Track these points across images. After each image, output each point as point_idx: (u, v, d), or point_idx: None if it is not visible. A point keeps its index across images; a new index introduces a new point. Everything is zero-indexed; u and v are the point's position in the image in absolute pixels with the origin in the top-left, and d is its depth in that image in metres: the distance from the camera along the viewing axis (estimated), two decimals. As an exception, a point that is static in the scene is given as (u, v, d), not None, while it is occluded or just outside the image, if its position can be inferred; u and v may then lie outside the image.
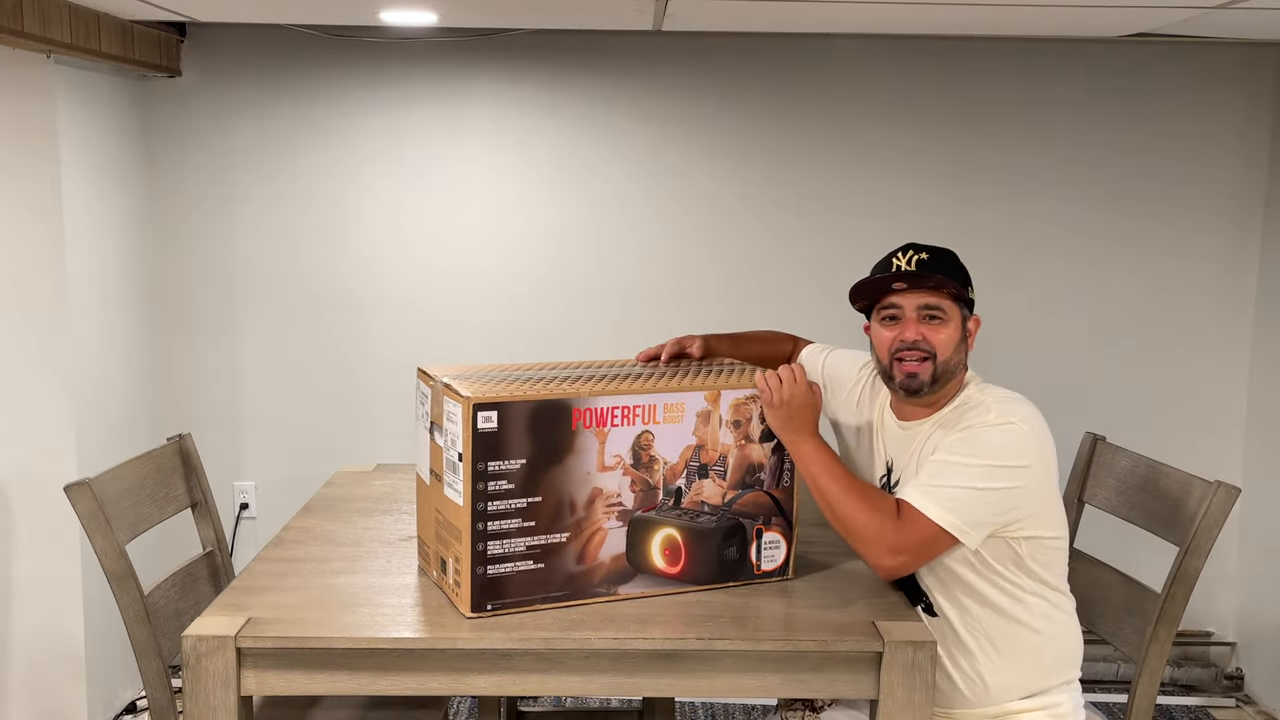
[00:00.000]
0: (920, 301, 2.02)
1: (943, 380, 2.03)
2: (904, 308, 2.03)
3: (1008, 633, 2.02)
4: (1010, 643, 2.03)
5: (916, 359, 2.01)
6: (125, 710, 3.36)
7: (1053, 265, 3.54)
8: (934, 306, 2.02)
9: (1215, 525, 2.06)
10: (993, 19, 2.85)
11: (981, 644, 2.03)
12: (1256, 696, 3.57)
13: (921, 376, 2.02)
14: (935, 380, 2.02)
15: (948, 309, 2.02)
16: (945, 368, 2.02)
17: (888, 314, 2.06)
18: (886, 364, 2.06)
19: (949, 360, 2.02)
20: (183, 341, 3.55)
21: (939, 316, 2.02)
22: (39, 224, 3.00)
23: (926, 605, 2.07)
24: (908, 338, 2.02)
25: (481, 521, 1.85)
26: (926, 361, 2.01)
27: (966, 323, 2.06)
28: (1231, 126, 3.49)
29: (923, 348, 2.01)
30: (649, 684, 1.83)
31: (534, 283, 3.54)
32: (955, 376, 2.05)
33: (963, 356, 2.06)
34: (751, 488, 2.02)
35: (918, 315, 2.02)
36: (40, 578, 3.11)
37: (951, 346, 2.02)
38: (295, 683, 1.82)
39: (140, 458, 2.34)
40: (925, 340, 2.01)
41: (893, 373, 2.05)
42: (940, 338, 2.01)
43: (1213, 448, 3.59)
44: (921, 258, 2.04)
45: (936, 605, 2.05)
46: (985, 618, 2.02)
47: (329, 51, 3.45)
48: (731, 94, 3.48)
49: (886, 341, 2.05)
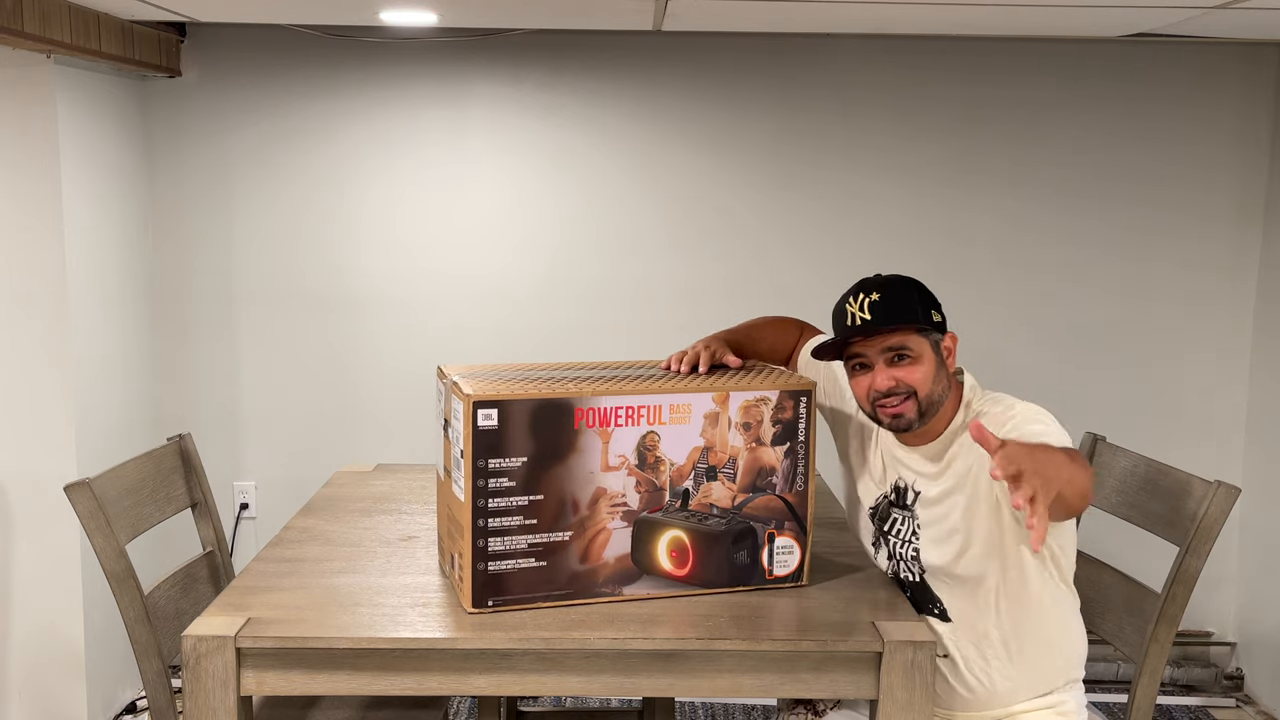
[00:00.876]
0: (883, 345, 1.97)
1: (930, 411, 1.99)
2: (869, 355, 1.99)
3: (1031, 632, 2.02)
4: (1030, 642, 2.03)
5: (897, 401, 1.97)
6: (125, 710, 3.36)
7: (1053, 264, 3.54)
8: (899, 347, 1.97)
9: (1215, 525, 2.06)
10: (992, 19, 2.85)
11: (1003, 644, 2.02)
12: (1256, 696, 3.57)
13: (908, 415, 1.98)
14: (923, 414, 1.99)
15: (914, 345, 1.97)
16: (929, 400, 1.98)
17: (856, 363, 2.01)
18: (870, 410, 2.02)
19: (931, 392, 1.98)
20: (183, 341, 3.55)
21: (908, 354, 1.97)
22: (39, 224, 3.00)
23: (940, 611, 2.06)
24: (880, 386, 1.97)
25: (482, 518, 1.86)
26: (908, 400, 1.97)
27: (940, 347, 2.01)
28: (1231, 126, 3.49)
29: (899, 391, 1.97)
30: (649, 684, 1.83)
31: (535, 283, 3.54)
32: (945, 400, 2.01)
33: (946, 381, 2.01)
34: (763, 491, 2.01)
35: (885, 360, 1.97)
36: (40, 578, 3.11)
37: (930, 379, 1.97)
38: (295, 683, 1.82)
39: (140, 458, 2.34)
40: (900, 383, 1.97)
41: (878, 418, 2.01)
42: (916, 376, 1.96)
43: (1213, 448, 3.59)
44: (873, 299, 1.97)
45: (952, 610, 2.05)
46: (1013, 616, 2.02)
47: (329, 51, 3.45)
48: (732, 94, 3.48)
49: (863, 390, 2.00)
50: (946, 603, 2.05)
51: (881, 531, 2.13)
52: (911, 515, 2.07)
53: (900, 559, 2.09)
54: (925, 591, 2.07)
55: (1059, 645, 2.06)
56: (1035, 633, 2.03)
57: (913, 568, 2.07)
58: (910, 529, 2.07)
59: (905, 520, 2.08)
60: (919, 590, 2.07)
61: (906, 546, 2.07)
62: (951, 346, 2.03)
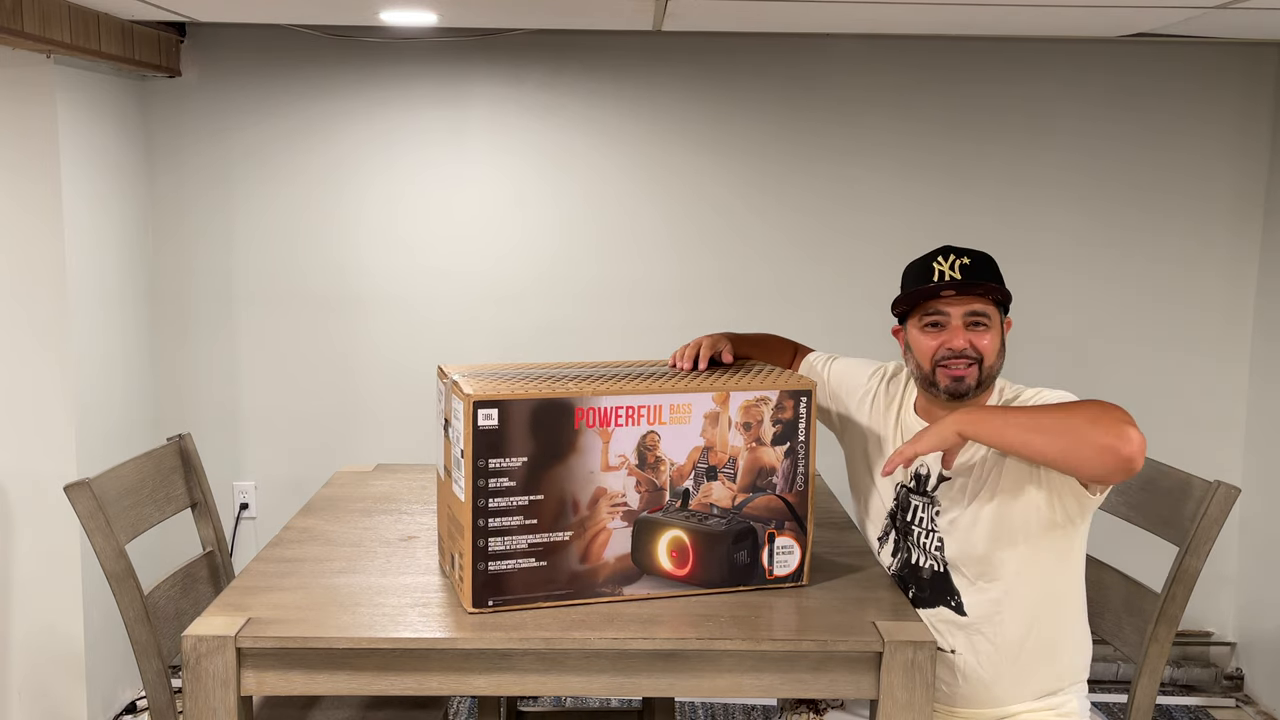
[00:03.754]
0: (967, 308, 2.02)
1: (986, 384, 2.04)
2: (950, 314, 2.02)
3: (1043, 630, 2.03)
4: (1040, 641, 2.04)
5: (964, 365, 2.01)
6: (125, 710, 3.36)
7: (1052, 264, 3.54)
8: (980, 313, 2.02)
9: (1215, 525, 2.06)
10: (993, 19, 2.85)
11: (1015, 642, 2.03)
12: (1256, 696, 3.57)
13: (968, 380, 2.02)
14: (980, 385, 2.03)
15: (992, 315, 2.03)
16: (990, 372, 2.03)
17: (931, 320, 2.04)
18: (928, 369, 2.05)
19: (993, 365, 2.03)
20: (183, 341, 3.55)
21: (984, 323, 2.02)
22: (39, 224, 3.00)
23: (956, 605, 2.07)
24: (956, 345, 2.01)
25: (482, 518, 1.86)
26: (973, 367, 2.01)
27: (1004, 325, 2.07)
28: (1231, 126, 3.49)
29: (970, 354, 2.01)
30: (649, 684, 1.83)
31: (535, 283, 3.55)
32: (995, 378, 2.07)
33: (1002, 360, 2.06)
34: (763, 491, 2.01)
35: (964, 322, 2.02)
36: (40, 578, 3.11)
37: (995, 351, 2.03)
38: (295, 683, 1.82)
39: (140, 458, 2.34)
40: (973, 347, 2.01)
41: (935, 378, 2.04)
42: (985, 343, 2.02)
43: (1213, 448, 3.59)
44: (964, 262, 2.03)
45: (968, 604, 2.05)
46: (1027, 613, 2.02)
47: (329, 51, 3.45)
48: (732, 94, 3.48)
49: (930, 349, 2.03)
50: (964, 595, 2.05)
51: (905, 522, 2.13)
52: (931, 501, 2.08)
53: (924, 549, 2.09)
54: (945, 583, 2.07)
55: (1067, 645, 2.07)
56: (1047, 631, 2.04)
57: (936, 556, 2.07)
58: (930, 515, 2.08)
59: (925, 507, 2.09)
60: (940, 581, 2.08)
61: (931, 536, 2.08)
62: (1007, 329, 2.09)
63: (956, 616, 2.06)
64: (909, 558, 2.12)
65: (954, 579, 2.07)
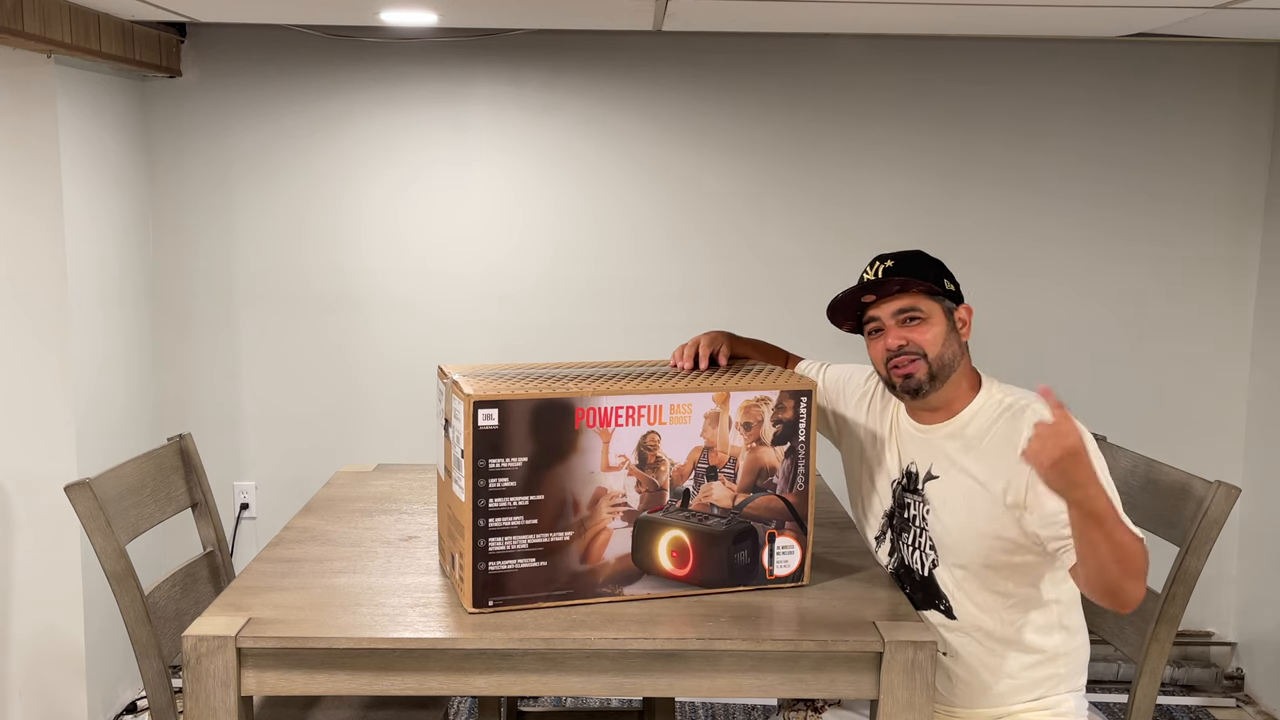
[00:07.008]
0: (894, 308, 2.05)
1: (942, 376, 2.04)
2: (881, 318, 2.07)
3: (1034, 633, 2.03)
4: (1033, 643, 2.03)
5: (908, 361, 2.03)
6: (125, 710, 3.36)
7: (1052, 265, 3.54)
8: (909, 309, 2.04)
9: (1215, 525, 2.06)
10: (993, 19, 2.85)
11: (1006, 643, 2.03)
12: (1256, 696, 3.57)
13: (917, 375, 2.03)
14: (934, 377, 2.03)
15: (925, 307, 2.04)
16: (940, 363, 2.03)
17: (871, 328, 2.09)
18: (885, 374, 2.09)
19: (941, 355, 2.03)
20: (183, 341, 3.55)
21: (918, 316, 2.04)
22: (39, 224, 3.00)
23: (945, 608, 2.07)
24: (891, 345, 2.05)
25: (483, 518, 1.86)
26: (918, 361, 2.03)
27: (954, 315, 2.07)
28: (1231, 126, 3.49)
29: (910, 350, 2.03)
30: (649, 684, 1.83)
31: (535, 283, 3.54)
32: (956, 370, 2.06)
33: (958, 349, 2.06)
34: (763, 491, 2.01)
35: (896, 321, 2.05)
36: (40, 578, 3.11)
37: (940, 342, 2.03)
38: (295, 683, 1.82)
39: (140, 458, 2.34)
40: (910, 343, 2.03)
41: (891, 380, 2.08)
42: (925, 337, 2.03)
43: (1213, 448, 3.59)
44: (888, 265, 2.08)
45: (957, 607, 2.05)
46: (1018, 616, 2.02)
47: (329, 51, 3.45)
48: (732, 94, 3.48)
49: (879, 355, 2.09)
50: (953, 599, 2.05)
51: (900, 520, 2.13)
52: (922, 499, 2.08)
53: (916, 547, 2.10)
54: (932, 586, 2.08)
55: (1061, 647, 2.06)
56: (1038, 634, 2.04)
57: (926, 558, 2.08)
58: (922, 514, 2.08)
59: (916, 505, 2.09)
60: (927, 585, 2.08)
61: (922, 535, 2.08)
62: (966, 318, 2.10)
63: (946, 620, 2.06)
64: (903, 558, 2.13)
65: (943, 583, 2.07)
